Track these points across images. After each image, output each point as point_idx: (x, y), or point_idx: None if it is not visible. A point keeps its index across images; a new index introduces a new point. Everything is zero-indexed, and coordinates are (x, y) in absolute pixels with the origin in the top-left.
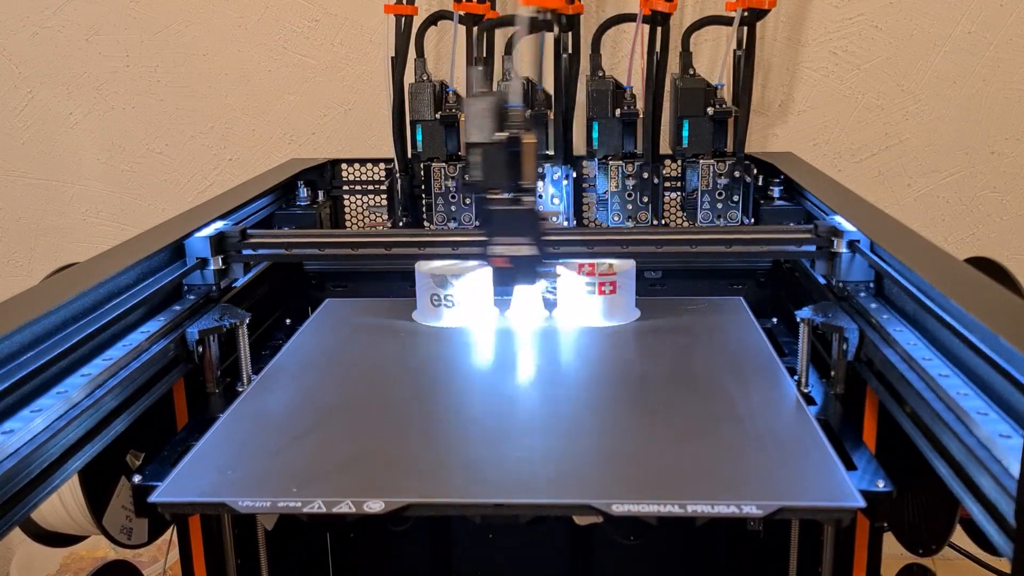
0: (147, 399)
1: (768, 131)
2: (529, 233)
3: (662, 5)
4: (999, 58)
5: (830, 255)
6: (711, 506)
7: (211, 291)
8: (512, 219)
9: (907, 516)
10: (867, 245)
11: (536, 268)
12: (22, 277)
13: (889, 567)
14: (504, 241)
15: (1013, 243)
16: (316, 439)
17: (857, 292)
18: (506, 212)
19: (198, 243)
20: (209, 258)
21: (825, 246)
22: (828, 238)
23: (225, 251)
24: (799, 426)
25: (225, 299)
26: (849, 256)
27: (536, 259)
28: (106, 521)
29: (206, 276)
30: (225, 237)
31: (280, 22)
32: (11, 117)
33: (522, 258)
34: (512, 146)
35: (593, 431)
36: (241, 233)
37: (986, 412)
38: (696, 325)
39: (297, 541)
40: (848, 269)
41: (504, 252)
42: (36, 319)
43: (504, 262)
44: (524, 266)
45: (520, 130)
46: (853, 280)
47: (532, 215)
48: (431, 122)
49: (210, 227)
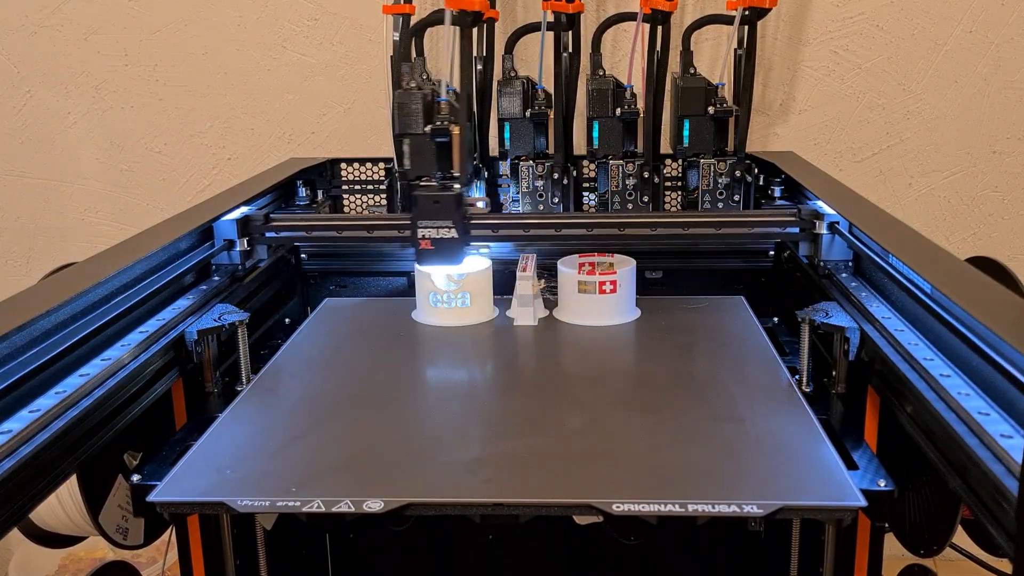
0: (146, 399)
1: (769, 130)
2: (452, 217)
3: (663, 4)
4: (1000, 57)
5: (812, 236)
6: (712, 506)
7: (237, 270)
8: (438, 204)
9: (908, 516)
10: (846, 227)
11: (460, 249)
12: (20, 277)
13: (890, 568)
14: (428, 224)
15: (1014, 243)
16: (315, 439)
17: (838, 271)
18: (432, 198)
19: (226, 225)
20: (236, 239)
21: (808, 228)
22: (811, 220)
23: (250, 233)
24: (800, 425)
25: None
26: (830, 237)
27: (457, 242)
28: (102, 519)
29: (232, 257)
30: (250, 220)
31: (279, 21)
32: (9, 116)
33: (443, 240)
34: (439, 136)
35: (593, 431)
36: (265, 217)
37: (987, 412)
38: (697, 324)
39: (296, 541)
40: (829, 249)
41: (428, 235)
42: (35, 319)
43: (427, 244)
44: (446, 248)
45: (447, 122)
46: (833, 259)
47: (456, 200)
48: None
49: (235, 211)
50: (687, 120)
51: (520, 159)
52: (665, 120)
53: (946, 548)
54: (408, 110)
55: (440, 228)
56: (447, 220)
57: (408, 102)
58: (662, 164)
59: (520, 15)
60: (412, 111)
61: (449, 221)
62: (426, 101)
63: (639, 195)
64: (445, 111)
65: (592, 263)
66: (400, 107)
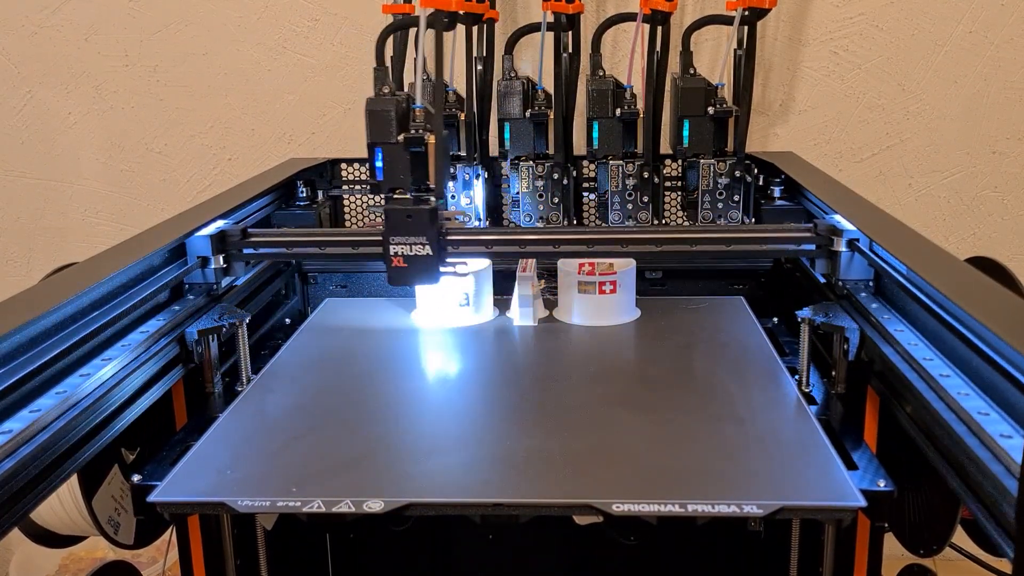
0: (146, 399)
1: (769, 131)
2: (426, 233)
3: (662, 4)
4: (1000, 57)
5: (830, 254)
6: (711, 506)
7: (212, 289)
8: (411, 219)
9: (908, 516)
10: (866, 244)
11: (435, 268)
12: (20, 277)
13: (890, 568)
14: (400, 241)
15: (1014, 243)
16: (315, 439)
17: (857, 291)
18: (404, 212)
19: (199, 242)
20: (210, 257)
21: (825, 245)
22: (828, 237)
23: (226, 250)
24: (800, 426)
25: (226, 297)
26: (848, 255)
27: (432, 259)
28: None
29: (207, 275)
30: (226, 236)
31: (280, 22)
32: (10, 116)
33: (417, 258)
34: (414, 146)
35: (593, 431)
36: (242, 232)
37: (987, 412)
38: (697, 325)
39: (297, 541)
40: (848, 268)
41: (401, 252)
42: (35, 319)
43: (399, 261)
44: (420, 266)
45: (422, 130)
46: (852, 279)
47: (431, 214)
48: None
49: (211, 226)
50: (687, 120)
51: (520, 159)
52: (665, 120)
53: (946, 548)
54: (380, 118)
55: (413, 244)
56: (420, 236)
57: (380, 109)
58: (662, 164)
59: (520, 15)
60: (385, 118)
61: (423, 237)
62: (400, 108)
63: (639, 195)
64: (420, 118)
65: (592, 263)
66: (371, 115)
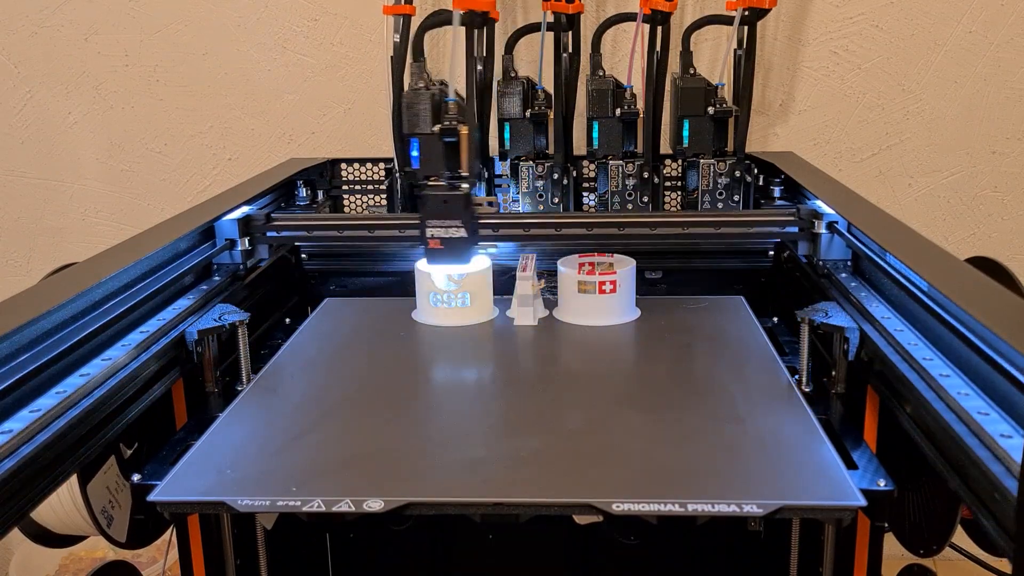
0: (146, 399)
1: (768, 131)
2: (461, 217)
3: (662, 4)
4: (1000, 57)
5: (811, 236)
6: (711, 505)
7: (238, 270)
8: (447, 203)
9: (908, 516)
10: (844, 226)
11: (468, 249)
12: (20, 277)
13: (890, 568)
14: (437, 224)
15: (1014, 243)
16: (315, 438)
17: (837, 270)
18: (441, 197)
19: (227, 225)
20: (237, 239)
21: (807, 227)
22: (809, 220)
23: (251, 233)
24: (800, 425)
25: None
26: (828, 237)
27: (466, 241)
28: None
29: (234, 256)
30: (251, 220)
31: (279, 21)
32: (10, 116)
33: (452, 240)
34: (448, 136)
35: (593, 430)
36: (266, 217)
37: (987, 412)
38: (697, 324)
39: (297, 541)
40: (828, 248)
41: (437, 234)
42: (35, 319)
43: (436, 244)
44: (456, 247)
45: (455, 122)
46: (832, 259)
47: (465, 200)
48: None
49: (237, 211)
50: (687, 120)
51: (520, 159)
52: (665, 120)
53: (946, 548)
54: (417, 109)
55: (449, 227)
56: (456, 220)
57: (417, 102)
58: (662, 164)
59: (520, 15)
60: (421, 111)
61: (458, 220)
62: (434, 101)
63: (639, 195)
64: (453, 111)
65: (592, 263)
66: (409, 107)
